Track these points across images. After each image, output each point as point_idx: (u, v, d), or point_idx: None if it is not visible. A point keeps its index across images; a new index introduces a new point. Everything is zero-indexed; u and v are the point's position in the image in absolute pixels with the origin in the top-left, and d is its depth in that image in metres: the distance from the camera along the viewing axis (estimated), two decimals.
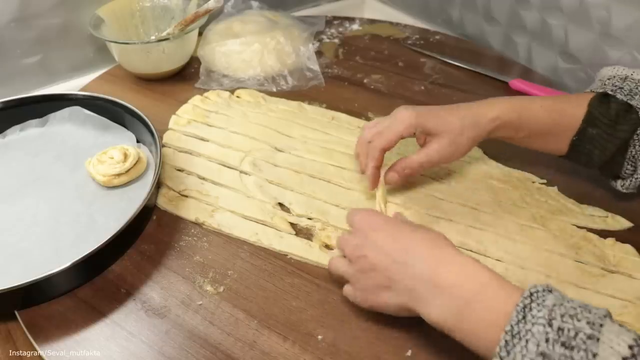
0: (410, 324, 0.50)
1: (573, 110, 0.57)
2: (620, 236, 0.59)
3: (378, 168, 0.59)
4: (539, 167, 0.68)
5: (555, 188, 0.65)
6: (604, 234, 0.59)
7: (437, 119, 0.56)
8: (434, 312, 0.41)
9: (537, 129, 0.57)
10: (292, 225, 0.60)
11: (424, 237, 0.45)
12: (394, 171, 0.59)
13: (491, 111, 0.56)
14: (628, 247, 0.57)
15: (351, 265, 0.48)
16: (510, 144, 0.60)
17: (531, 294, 0.37)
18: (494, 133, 0.57)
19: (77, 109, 0.72)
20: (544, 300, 0.36)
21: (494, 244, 0.57)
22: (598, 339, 0.33)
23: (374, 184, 0.60)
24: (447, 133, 0.56)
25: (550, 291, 0.37)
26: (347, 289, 0.49)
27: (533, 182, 0.66)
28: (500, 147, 0.62)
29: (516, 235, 0.59)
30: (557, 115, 0.57)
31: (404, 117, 0.57)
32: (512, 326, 0.36)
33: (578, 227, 0.60)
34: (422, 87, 0.86)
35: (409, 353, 0.48)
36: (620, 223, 0.61)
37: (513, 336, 0.35)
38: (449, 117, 0.56)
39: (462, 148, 0.57)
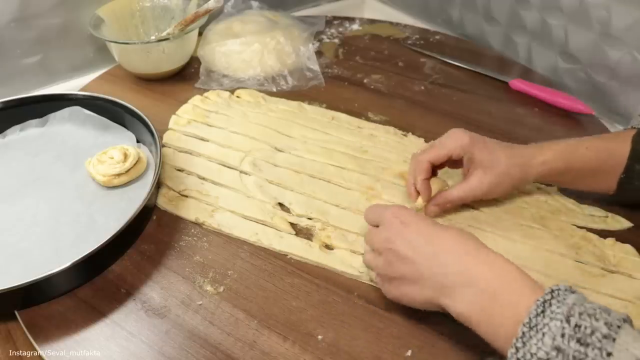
0: (410, 324, 0.50)
1: (618, 148, 0.57)
2: (620, 236, 0.59)
3: (427, 180, 0.58)
4: None
5: (555, 188, 0.65)
6: (604, 234, 0.59)
7: (487, 151, 0.56)
8: (461, 305, 0.42)
9: (585, 171, 0.57)
10: (292, 225, 0.60)
11: (454, 235, 0.45)
12: (436, 205, 0.59)
13: (540, 155, 0.56)
14: (628, 247, 0.57)
15: (379, 257, 0.49)
16: None
17: (552, 291, 0.38)
18: (541, 178, 0.58)
19: (77, 109, 0.72)
20: (564, 298, 0.37)
21: (494, 244, 0.57)
22: (614, 339, 0.34)
23: (428, 197, 0.59)
24: (492, 169, 0.56)
25: (572, 292, 0.38)
26: (377, 280, 0.51)
27: (533, 182, 0.66)
28: None
29: (516, 235, 0.59)
30: (603, 154, 0.57)
31: (458, 136, 0.57)
32: (530, 319, 0.36)
33: (578, 227, 0.60)
34: (422, 87, 0.86)
35: (409, 353, 0.48)
36: (620, 223, 0.61)
37: (530, 328, 0.36)
38: (498, 153, 0.56)
39: (504, 187, 0.57)
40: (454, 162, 0.59)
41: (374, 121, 0.77)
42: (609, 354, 0.33)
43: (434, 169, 0.60)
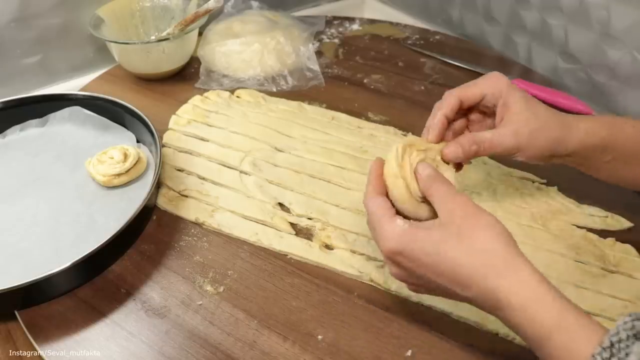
0: (410, 324, 0.50)
1: None
2: (620, 236, 0.59)
3: (447, 117, 0.50)
4: (539, 167, 0.68)
5: (555, 188, 0.65)
6: (604, 234, 0.59)
7: (526, 100, 0.49)
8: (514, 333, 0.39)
9: (626, 155, 0.51)
10: (292, 225, 0.60)
11: (471, 260, 0.39)
12: (459, 144, 0.48)
13: (583, 122, 0.50)
14: (628, 247, 0.57)
15: (409, 286, 0.45)
16: None
17: (612, 345, 0.32)
18: (581, 152, 0.50)
19: (77, 109, 0.72)
20: (627, 355, 0.31)
21: None
22: None
23: (438, 136, 0.49)
24: (530, 120, 0.48)
25: (636, 336, 0.32)
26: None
27: (533, 182, 0.66)
28: None
29: (516, 236, 0.58)
30: None
31: (496, 77, 0.51)
32: None
33: (578, 227, 0.60)
34: (422, 87, 0.86)
35: (409, 353, 0.48)
36: (620, 223, 0.61)
37: None
38: (538, 106, 0.50)
39: (540, 144, 0.49)
40: (483, 114, 0.53)
41: (374, 121, 0.77)
42: None
43: (461, 115, 0.52)
